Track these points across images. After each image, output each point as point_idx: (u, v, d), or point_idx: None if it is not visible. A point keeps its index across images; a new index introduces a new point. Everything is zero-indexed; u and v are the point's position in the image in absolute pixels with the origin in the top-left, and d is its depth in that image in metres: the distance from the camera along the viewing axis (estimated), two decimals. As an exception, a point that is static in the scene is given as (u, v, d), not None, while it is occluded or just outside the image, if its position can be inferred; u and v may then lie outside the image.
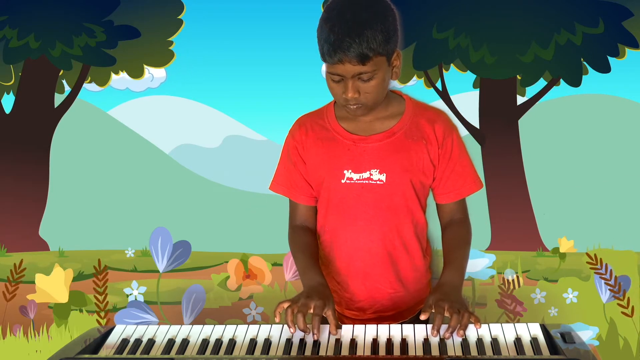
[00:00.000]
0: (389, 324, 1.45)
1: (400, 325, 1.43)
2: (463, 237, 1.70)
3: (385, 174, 1.61)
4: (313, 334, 1.38)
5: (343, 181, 1.63)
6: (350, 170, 1.62)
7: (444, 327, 1.39)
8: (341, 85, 1.51)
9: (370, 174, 1.62)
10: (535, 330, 1.39)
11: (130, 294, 2.07)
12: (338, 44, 1.43)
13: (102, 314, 2.08)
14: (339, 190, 1.64)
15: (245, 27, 1.97)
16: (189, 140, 2.02)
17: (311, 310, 1.41)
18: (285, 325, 1.43)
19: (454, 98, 1.95)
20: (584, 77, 1.92)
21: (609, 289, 1.98)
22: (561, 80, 1.93)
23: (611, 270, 1.98)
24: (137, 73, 2.00)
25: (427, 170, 1.65)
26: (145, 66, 1.99)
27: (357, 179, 1.62)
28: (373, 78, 1.50)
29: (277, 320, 1.43)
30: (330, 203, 1.67)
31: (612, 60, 1.91)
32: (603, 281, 1.98)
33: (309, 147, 1.67)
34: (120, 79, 1.99)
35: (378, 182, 1.62)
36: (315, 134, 1.67)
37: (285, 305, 1.44)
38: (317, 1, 1.94)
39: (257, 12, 1.96)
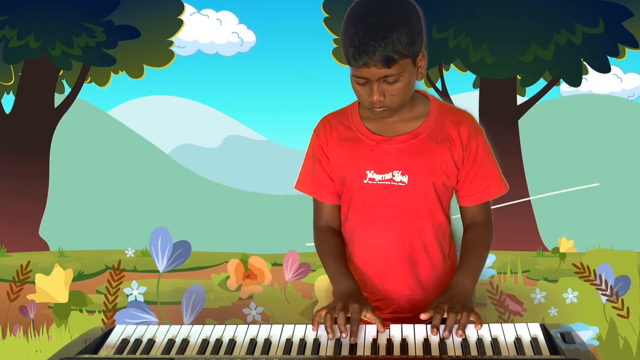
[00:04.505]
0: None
1: (400, 325, 1.42)
2: (482, 240, 1.67)
3: (407, 176, 1.60)
4: (350, 338, 1.38)
5: (365, 181, 1.62)
6: (372, 171, 1.61)
7: (443, 326, 1.39)
8: (366, 88, 1.50)
9: (393, 175, 1.61)
10: (535, 330, 1.39)
11: (130, 294, 2.07)
12: (363, 47, 1.42)
13: (109, 313, 2.08)
14: (360, 190, 1.63)
15: (246, 27, 1.97)
16: (189, 140, 2.02)
17: (349, 314, 1.41)
18: (286, 326, 1.43)
19: (454, 98, 1.95)
20: (584, 77, 1.92)
21: (602, 294, 1.98)
22: (561, 80, 1.93)
23: (600, 275, 1.98)
24: (137, 73, 2.00)
25: (451, 172, 1.62)
26: (145, 65, 1.99)
27: (379, 180, 1.61)
28: (398, 80, 1.48)
29: (315, 329, 1.42)
30: (351, 203, 1.66)
31: (612, 60, 1.91)
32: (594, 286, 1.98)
33: (332, 146, 1.66)
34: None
35: (400, 183, 1.60)
36: (339, 133, 1.66)
37: (323, 312, 1.43)
38: (317, 1, 1.94)
39: (257, 12, 1.96)
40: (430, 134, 1.61)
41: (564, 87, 1.94)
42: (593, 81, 1.93)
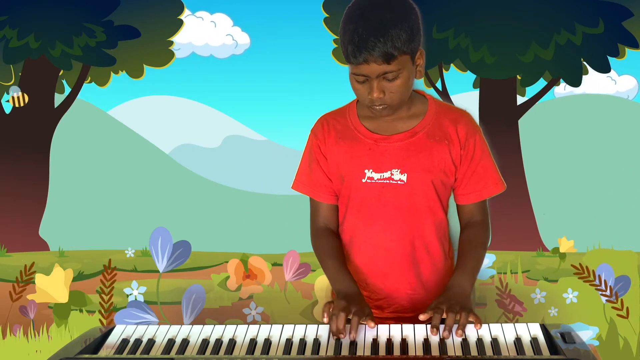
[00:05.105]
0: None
1: (400, 325, 1.42)
2: (479, 239, 1.67)
3: (406, 174, 1.60)
4: (350, 334, 1.38)
5: (364, 180, 1.62)
6: (371, 170, 1.61)
7: (443, 326, 1.39)
8: (366, 85, 1.50)
9: (391, 174, 1.61)
10: (535, 330, 1.39)
11: (130, 294, 2.07)
12: (363, 44, 1.43)
13: (106, 313, 2.08)
14: (359, 190, 1.63)
15: (246, 27, 1.97)
16: (189, 140, 2.02)
17: (350, 315, 1.42)
18: (286, 326, 1.43)
19: (454, 98, 1.95)
20: (584, 77, 1.92)
21: (601, 294, 1.98)
22: (561, 80, 1.93)
23: (600, 276, 1.98)
24: (137, 73, 2.00)
25: (449, 170, 1.63)
26: (145, 65, 1.99)
27: (377, 179, 1.61)
28: (398, 77, 1.49)
29: (326, 320, 1.43)
30: (350, 202, 1.66)
31: (612, 60, 1.91)
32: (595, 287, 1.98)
33: (330, 145, 1.66)
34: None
35: (399, 182, 1.60)
36: (337, 132, 1.66)
37: (334, 309, 1.44)
38: (317, 1, 1.94)
39: (251, 14, 1.96)
40: (428, 132, 1.61)
41: (558, 89, 1.94)
42: (587, 83, 1.93)
